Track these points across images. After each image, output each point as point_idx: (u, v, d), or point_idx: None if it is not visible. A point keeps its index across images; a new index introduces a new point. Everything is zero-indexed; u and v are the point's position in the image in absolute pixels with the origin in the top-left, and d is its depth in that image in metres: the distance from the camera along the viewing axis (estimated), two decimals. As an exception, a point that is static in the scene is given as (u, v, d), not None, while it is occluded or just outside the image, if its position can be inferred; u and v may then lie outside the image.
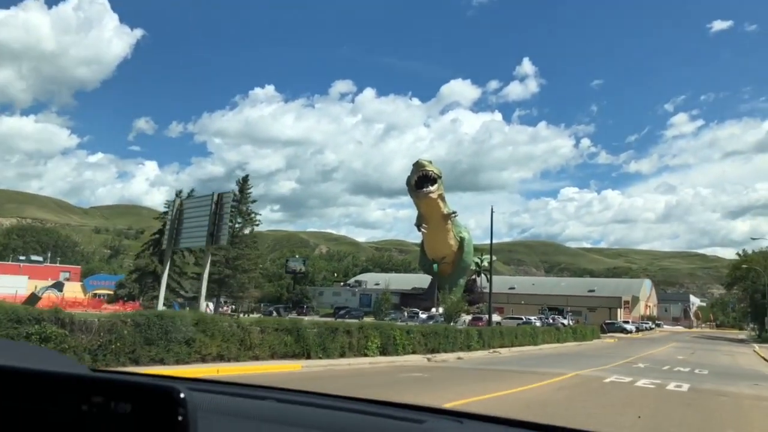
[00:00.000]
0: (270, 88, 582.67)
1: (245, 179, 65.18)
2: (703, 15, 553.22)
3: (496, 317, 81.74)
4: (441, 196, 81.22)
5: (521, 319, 73.05)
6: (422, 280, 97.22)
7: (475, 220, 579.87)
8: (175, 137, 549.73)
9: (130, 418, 0.86)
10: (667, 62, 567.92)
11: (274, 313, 63.81)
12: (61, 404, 0.91)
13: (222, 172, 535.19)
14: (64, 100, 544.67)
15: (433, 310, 76.90)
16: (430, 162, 79.75)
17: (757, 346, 56.87)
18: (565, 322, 71.62)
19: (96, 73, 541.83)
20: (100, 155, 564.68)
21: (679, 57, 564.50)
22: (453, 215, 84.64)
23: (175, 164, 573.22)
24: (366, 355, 20.08)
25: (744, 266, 75.39)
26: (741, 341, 73.15)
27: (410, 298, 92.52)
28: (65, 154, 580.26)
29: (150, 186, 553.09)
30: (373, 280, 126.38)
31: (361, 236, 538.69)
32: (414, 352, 23.05)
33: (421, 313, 70.56)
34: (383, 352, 21.08)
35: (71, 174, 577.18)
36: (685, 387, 16.54)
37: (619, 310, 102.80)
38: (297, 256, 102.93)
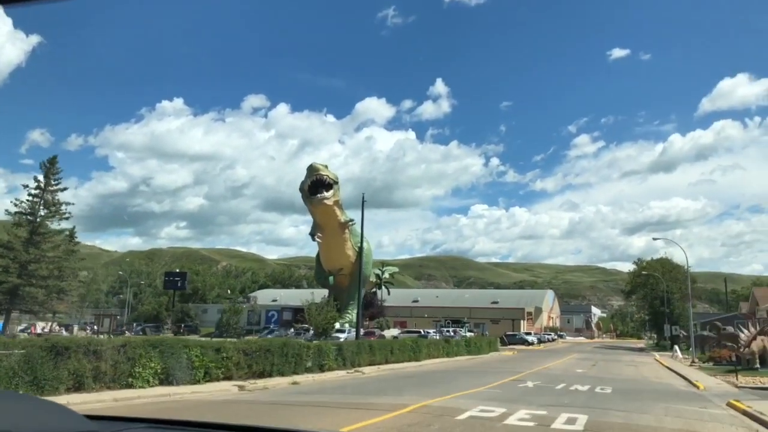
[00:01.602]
0: (179, 101, 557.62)
1: (52, 160, 53.91)
2: (604, 43, 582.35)
3: (394, 331, 77.11)
4: (337, 203, 75.41)
5: (419, 332, 68.59)
6: (323, 295, 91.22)
7: (389, 236, 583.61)
8: (74, 150, 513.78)
9: None
10: (570, 86, 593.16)
11: (140, 334, 55.45)
12: None
13: (125, 188, 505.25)
14: None
15: (337, 325, 70.85)
16: (326, 166, 73.84)
17: (657, 354, 54.75)
18: (466, 334, 67.91)
19: None
20: None
21: (582, 81, 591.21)
22: (350, 223, 78.95)
23: (73, 179, 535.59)
24: (131, 386, 13.91)
25: (644, 273, 74.39)
26: (641, 350, 71.80)
27: (303, 315, 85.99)
28: None
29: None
30: (270, 296, 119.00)
31: (273, 254, 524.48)
32: (228, 377, 17.07)
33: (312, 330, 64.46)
34: (166, 379, 14.98)
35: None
36: (581, 422, 11.46)
37: (522, 321, 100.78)
38: (177, 270, 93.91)
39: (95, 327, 57.48)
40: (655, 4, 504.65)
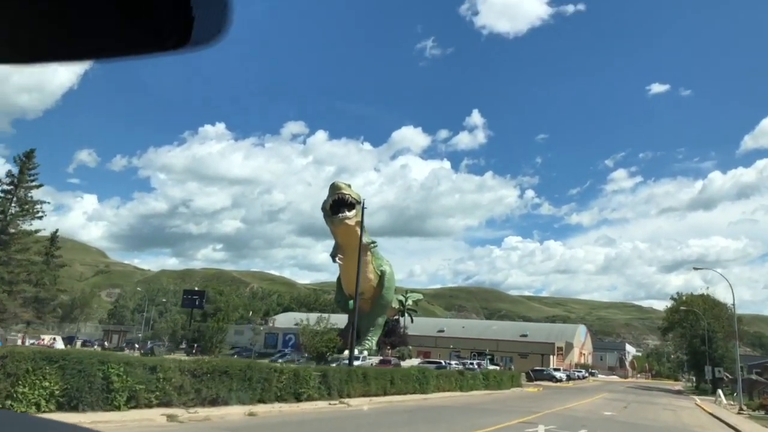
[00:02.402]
0: (221, 126, 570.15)
1: (29, 154, 49.41)
2: (643, 78, 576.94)
3: (415, 361, 73.34)
4: (359, 224, 72.56)
5: (440, 363, 64.86)
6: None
7: (420, 265, 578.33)
8: (118, 171, 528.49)
9: None
10: (608, 120, 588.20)
11: (149, 352, 53.10)
12: None
13: (165, 209, 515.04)
14: (1, 127, 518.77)
15: (346, 352, 67.67)
16: (349, 185, 71.51)
17: (698, 399, 49.99)
18: (488, 366, 64.08)
19: (38, 101, 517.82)
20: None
21: (620, 115, 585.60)
22: (373, 245, 76.11)
23: (116, 198, 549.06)
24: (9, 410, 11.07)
25: (682, 308, 69.41)
26: (678, 392, 66.74)
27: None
28: None
29: (87, 220, 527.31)
30: (294, 319, 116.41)
31: (305, 278, 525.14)
32: (165, 404, 14.18)
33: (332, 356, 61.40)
34: (69, 404, 12.10)
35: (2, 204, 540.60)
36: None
37: (551, 356, 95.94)
38: (196, 288, 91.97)
39: (105, 343, 55.17)
40: (697, 40, 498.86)
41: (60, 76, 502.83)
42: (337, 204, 68.17)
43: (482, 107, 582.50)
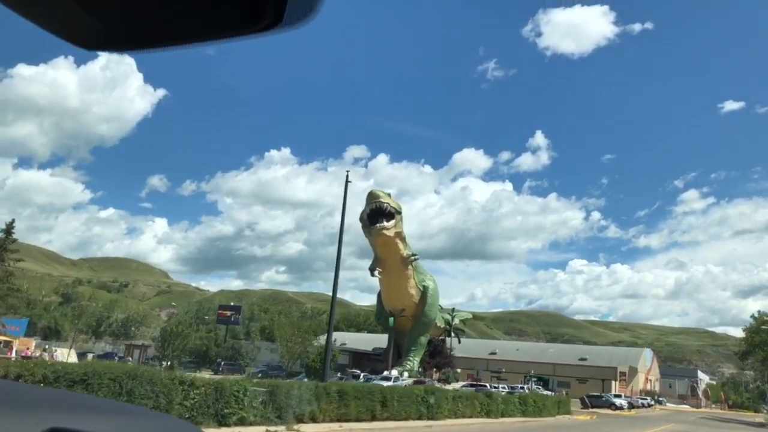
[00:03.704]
0: (286, 151, 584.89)
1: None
2: (716, 95, 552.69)
3: (458, 384, 67.69)
4: (400, 235, 68.04)
5: (485, 386, 59.09)
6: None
7: (482, 289, 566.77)
8: (187, 195, 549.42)
9: None
10: (678, 139, 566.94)
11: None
12: None
13: (231, 232, 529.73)
14: (82, 155, 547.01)
15: (385, 372, 62.97)
16: (388, 194, 67.09)
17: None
18: (544, 391, 58.02)
19: (115, 130, 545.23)
20: (111, 211, 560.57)
21: (691, 134, 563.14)
22: (414, 258, 71.21)
23: (184, 222, 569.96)
24: None
25: (764, 327, 61.40)
26: (761, 425, 58.53)
27: (365, 359, 78.47)
28: (77, 208, 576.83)
29: (157, 243, 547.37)
30: (340, 339, 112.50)
31: (364, 301, 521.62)
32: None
33: (368, 375, 56.84)
34: None
35: (80, 228, 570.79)
36: None
37: (613, 382, 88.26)
38: (232, 304, 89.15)
39: (129, 358, 52.31)
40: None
41: (136, 105, 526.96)
42: (375, 214, 63.74)
43: (546, 128, 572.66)
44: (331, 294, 38.94)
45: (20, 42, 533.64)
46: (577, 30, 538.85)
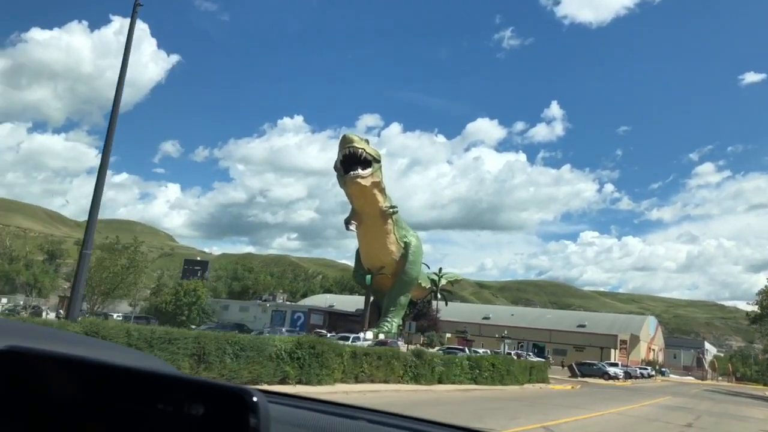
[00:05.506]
0: (299, 119, 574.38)
1: None
2: (735, 67, 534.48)
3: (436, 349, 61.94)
4: (378, 185, 61.32)
5: (462, 349, 52.93)
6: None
7: (492, 259, 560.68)
8: (200, 162, 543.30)
9: (201, 419, 0.82)
10: (695, 111, 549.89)
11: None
12: (139, 401, 0.88)
13: (243, 198, 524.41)
14: (96, 120, 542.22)
15: (361, 334, 57.10)
16: (366, 141, 60.15)
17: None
18: (533, 358, 52.06)
19: (129, 95, 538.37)
20: (124, 175, 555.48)
21: (708, 107, 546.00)
22: (393, 210, 64.59)
23: (197, 188, 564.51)
24: None
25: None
26: (771, 400, 52.25)
27: (342, 320, 72.77)
28: (90, 173, 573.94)
29: (170, 208, 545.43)
30: (329, 301, 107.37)
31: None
32: None
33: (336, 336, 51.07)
34: None
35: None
36: None
37: (613, 350, 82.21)
38: (198, 259, 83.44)
39: (60, 311, 46.44)
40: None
41: (150, 71, 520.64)
42: (349, 161, 56.96)
43: (562, 99, 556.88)
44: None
45: (34, 5, 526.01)
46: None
